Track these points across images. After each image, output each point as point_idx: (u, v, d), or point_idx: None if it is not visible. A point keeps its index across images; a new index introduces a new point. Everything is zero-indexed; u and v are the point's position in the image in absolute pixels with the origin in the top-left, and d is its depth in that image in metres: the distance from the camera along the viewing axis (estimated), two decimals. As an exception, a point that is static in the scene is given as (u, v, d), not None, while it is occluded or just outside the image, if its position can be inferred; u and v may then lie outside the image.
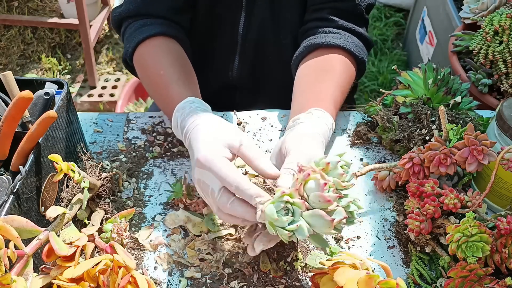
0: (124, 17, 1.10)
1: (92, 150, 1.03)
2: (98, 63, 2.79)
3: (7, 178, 0.79)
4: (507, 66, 1.32)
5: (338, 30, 1.08)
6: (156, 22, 1.06)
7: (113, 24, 1.14)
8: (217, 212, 0.78)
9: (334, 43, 1.05)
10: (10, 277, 0.63)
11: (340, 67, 1.04)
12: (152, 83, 1.02)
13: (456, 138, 0.90)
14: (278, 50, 1.21)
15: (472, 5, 1.56)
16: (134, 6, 1.08)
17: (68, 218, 0.75)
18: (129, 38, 1.06)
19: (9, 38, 2.84)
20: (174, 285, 0.82)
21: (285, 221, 0.70)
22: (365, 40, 1.12)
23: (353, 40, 1.08)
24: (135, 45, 1.04)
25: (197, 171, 0.78)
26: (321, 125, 0.89)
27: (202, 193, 0.80)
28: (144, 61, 1.03)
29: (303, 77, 1.04)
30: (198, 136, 0.81)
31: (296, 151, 0.80)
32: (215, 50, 1.23)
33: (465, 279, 0.75)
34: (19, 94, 0.75)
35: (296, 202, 0.71)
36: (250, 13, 1.16)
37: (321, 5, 1.11)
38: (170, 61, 1.00)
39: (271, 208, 0.70)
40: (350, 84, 1.06)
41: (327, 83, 1.00)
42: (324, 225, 0.70)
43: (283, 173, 0.77)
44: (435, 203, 0.80)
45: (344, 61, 1.05)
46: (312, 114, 0.91)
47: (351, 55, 1.06)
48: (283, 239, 0.71)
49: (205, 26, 1.19)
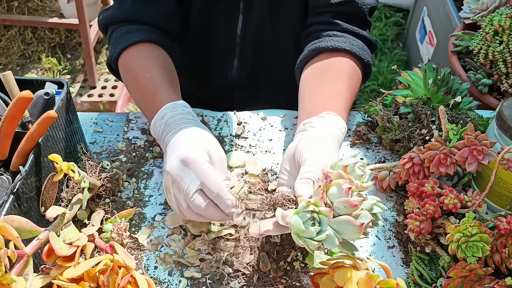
0: (110, 22, 1.08)
1: (92, 150, 1.03)
2: (98, 63, 2.79)
3: (7, 178, 0.79)
4: (507, 66, 1.32)
5: (343, 34, 1.07)
6: (143, 29, 1.05)
7: (99, 27, 1.13)
8: (180, 209, 0.80)
9: (340, 47, 1.03)
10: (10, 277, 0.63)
11: (348, 70, 1.03)
12: (137, 86, 1.00)
13: (456, 138, 0.90)
14: (277, 50, 1.21)
15: (472, 5, 1.56)
16: (121, 12, 1.06)
17: (68, 218, 0.75)
18: (114, 44, 1.05)
19: (9, 38, 2.84)
20: (174, 285, 0.82)
21: (313, 232, 0.68)
22: (369, 42, 1.10)
23: (358, 43, 1.06)
24: (120, 50, 1.03)
25: (177, 166, 0.79)
26: (334, 129, 0.88)
27: (171, 188, 0.81)
28: (130, 65, 1.02)
29: (310, 80, 1.02)
30: (186, 136, 0.83)
31: (312, 159, 0.79)
32: (214, 51, 1.23)
33: (465, 279, 0.75)
34: (19, 94, 0.75)
35: (322, 211, 0.68)
36: (248, 15, 1.15)
37: (323, 9, 1.09)
38: (157, 66, 1.00)
39: (296, 219, 0.68)
40: (358, 88, 1.05)
41: (337, 84, 0.99)
42: (353, 231, 0.68)
43: (301, 183, 0.76)
44: (435, 203, 0.80)
45: (351, 64, 1.03)
46: (325, 118, 0.90)
47: (357, 58, 1.05)
48: (309, 250, 0.69)
49: (203, 28, 1.19)
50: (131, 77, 1.02)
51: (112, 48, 1.06)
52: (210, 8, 1.15)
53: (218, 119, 1.10)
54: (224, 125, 1.09)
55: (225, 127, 1.09)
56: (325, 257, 0.84)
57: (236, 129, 1.08)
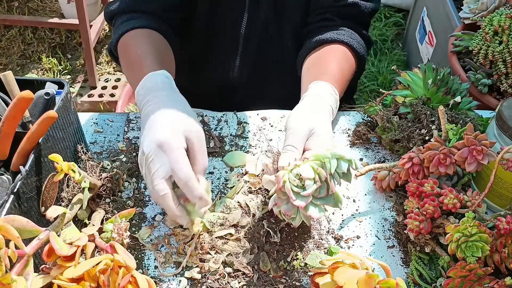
0: (115, 13, 1.13)
1: (93, 150, 1.03)
2: (99, 63, 2.79)
3: (7, 178, 0.79)
4: (507, 66, 1.32)
5: (343, 28, 1.13)
6: (143, 17, 1.09)
7: (105, 18, 1.18)
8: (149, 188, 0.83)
9: (338, 39, 1.09)
10: (11, 277, 0.63)
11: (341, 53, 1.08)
12: (129, 63, 1.03)
13: (455, 138, 0.90)
14: (280, 51, 1.22)
15: (471, 5, 1.56)
16: (125, 4, 1.11)
17: (69, 218, 0.75)
18: (115, 30, 1.10)
19: (9, 38, 2.84)
20: (174, 285, 0.82)
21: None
22: (367, 39, 1.16)
23: (356, 37, 1.12)
24: (119, 36, 1.07)
25: (152, 149, 0.80)
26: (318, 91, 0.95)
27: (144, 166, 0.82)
28: (126, 46, 1.06)
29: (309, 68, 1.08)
30: (164, 117, 0.84)
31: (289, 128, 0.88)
32: (216, 50, 1.23)
33: (464, 279, 0.75)
34: (19, 94, 0.76)
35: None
36: (253, 14, 1.16)
37: (326, 9, 1.14)
38: (149, 45, 1.03)
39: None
40: (350, 68, 1.09)
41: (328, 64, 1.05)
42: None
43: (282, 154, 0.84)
44: (434, 203, 0.81)
45: (345, 51, 1.09)
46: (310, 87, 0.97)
47: (353, 50, 1.10)
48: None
49: (207, 26, 1.19)
50: (125, 57, 1.05)
51: (113, 35, 1.10)
52: (216, 8, 1.16)
53: (218, 119, 1.11)
54: (224, 125, 1.09)
55: (225, 127, 1.09)
56: (325, 257, 0.84)
57: (236, 129, 1.08)
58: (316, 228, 0.90)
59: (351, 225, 0.92)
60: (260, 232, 0.87)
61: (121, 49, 1.07)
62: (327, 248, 0.87)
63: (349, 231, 0.91)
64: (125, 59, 1.05)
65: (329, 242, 0.88)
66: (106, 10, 1.15)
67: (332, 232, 0.90)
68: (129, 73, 1.03)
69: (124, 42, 1.07)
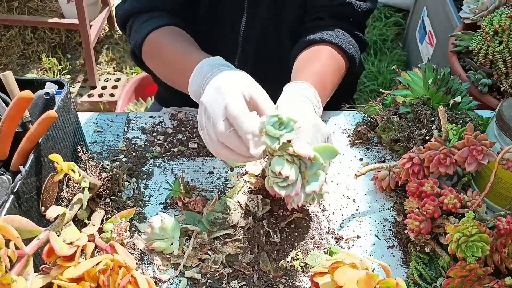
0: (130, 14, 1.12)
1: (92, 150, 1.03)
2: (98, 63, 2.79)
3: (7, 178, 0.79)
4: (507, 66, 1.32)
5: (334, 28, 1.12)
6: (163, 15, 1.09)
7: (117, 20, 1.17)
8: (210, 142, 0.79)
9: (326, 39, 1.08)
10: (11, 277, 0.63)
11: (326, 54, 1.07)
12: (167, 59, 1.03)
13: (455, 138, 0.90)
14: (279, 51, 1.22)
15: (472, 5, 1.56)
16: (141, 4, 1.10)
17: (69, 218, 0.75)
18: (137, 30, 1.09)
19: (9, 38, 2.84)
20: (174, 285, 0.82)
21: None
22: (359, 39, 1.15)
23: (346, 38, 1.11)
24: (144, 35, 1.06)
25: (209, 94, 0.79)
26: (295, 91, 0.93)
27: (203, 120, 0.79)
28: (158, 44, 1.05)
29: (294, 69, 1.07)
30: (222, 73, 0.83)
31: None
32: (215, 50, 1.23)
33: (464, 279, 0.75)
34: (19, 94, 0.76)
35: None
36: (252, 14, 1.16)
37: (321, 9, 1.14)
38: (185, 38, 1.04)
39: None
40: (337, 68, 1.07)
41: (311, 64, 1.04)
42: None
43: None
44: (434, 203, 0.81)
45: (331, 51, 1.08)
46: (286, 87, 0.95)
47: (342, 50, 1.09)
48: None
49: (205, 26, 1.19)
50: (161, 54, 1.04)
51: (135, 35, 1.09)
52: (216, 7, 1.16)
53: (218, 119, 1.10)
54: (224, 125, 1.09)
55: (225, 127, 1.09)
56: (325, 257, 0.84)
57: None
58: (316, 228, 0.90)
59: (351, 225, 0.92)
60: (260, 232, 0.87)
61: (152, 48, 1.06)
62: (327, 248, 0.87)
63: (349, 231, 0.91)
64: (162, 56, 1.04)
65: (329, 242, 0.88)
66: (119, 12, 1.14)
67: (332, 232, 0.90)
68: (169, 68, 1.02)
69: (152, 40, 1.06)
